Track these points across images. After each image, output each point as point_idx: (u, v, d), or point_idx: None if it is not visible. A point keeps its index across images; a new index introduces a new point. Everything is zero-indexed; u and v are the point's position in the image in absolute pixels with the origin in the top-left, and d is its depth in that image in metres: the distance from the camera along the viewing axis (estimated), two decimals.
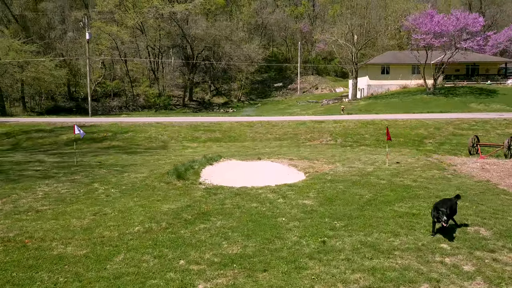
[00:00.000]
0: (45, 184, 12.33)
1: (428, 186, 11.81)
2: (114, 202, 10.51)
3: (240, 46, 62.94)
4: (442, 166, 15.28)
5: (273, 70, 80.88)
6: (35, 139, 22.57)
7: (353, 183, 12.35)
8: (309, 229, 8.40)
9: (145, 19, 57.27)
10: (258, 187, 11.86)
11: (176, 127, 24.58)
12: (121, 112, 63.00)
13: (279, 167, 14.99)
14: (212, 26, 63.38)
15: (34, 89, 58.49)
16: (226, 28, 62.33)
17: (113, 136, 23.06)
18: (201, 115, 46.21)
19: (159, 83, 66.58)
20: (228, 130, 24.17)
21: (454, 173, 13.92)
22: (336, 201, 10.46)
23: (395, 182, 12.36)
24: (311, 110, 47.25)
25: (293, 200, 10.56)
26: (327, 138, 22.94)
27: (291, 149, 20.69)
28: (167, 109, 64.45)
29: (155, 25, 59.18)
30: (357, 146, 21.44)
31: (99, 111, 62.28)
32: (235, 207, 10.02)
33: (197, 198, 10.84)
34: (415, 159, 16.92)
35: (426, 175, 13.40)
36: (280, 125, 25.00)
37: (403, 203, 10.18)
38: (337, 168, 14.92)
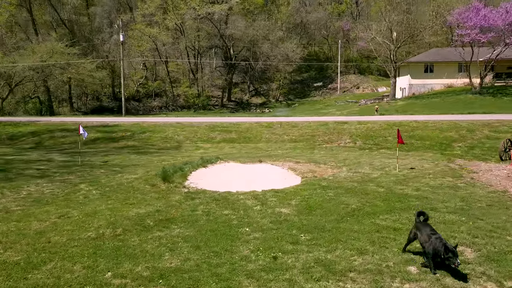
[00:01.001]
0: (35, 183, 12.45)
1: (429, 196, 10.59)
2: (87, 204, 10.32)
3: (277, 45, 62.22)
4: (460, 173, 13.82)
5: (313, 70, 79.37)
6: (58, 138, 23.33)
7: (347, 190, 11.38)
8: (267, 242, 7.65)
9: (184, 21, 58.12)
10: (242, 192, 11.23)
11: (194, 128, 24.42)
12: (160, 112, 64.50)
13: (277, 170, 14.24)
14: (250, 26, 63.17)
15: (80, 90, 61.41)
16: (264, 27, 61.83)
17: (131, 136, 23.31)
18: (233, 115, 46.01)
19: (198, 84, 67.39)
20: (245, 131, 23.63)
21: (469, 181, 12.48)
22: (316, 211, 9.60)
23: (394, 191, 11.23)
24: (346, 110, 45.65)
25: (270, 208, 9.82)
26: (346, 140, 21.72)
27: (304, 151, 19.78)
28: (206, 109, 65.12)
29: (194, 26, 59.91)
30: (377, 149, 20.06)
31: (140, 111, 64.14)
32: (205, 214, 9.46)
33: (172, 202, 10.40)
34: (434, 164, 15.47)
35: (435, 183, 12.09)
36: (300, 126, 24.07)
37: (389, 215, 9.12)
38: (341, 173, 13.93)
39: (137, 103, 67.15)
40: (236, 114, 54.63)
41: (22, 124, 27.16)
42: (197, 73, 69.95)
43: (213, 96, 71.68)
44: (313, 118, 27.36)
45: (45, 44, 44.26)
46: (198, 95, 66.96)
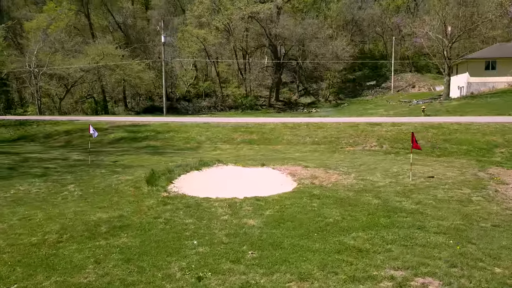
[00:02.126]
0: (29, 183, 12.64)
1: (426, 212, 9.15)
2: (59, 206, 10.17)
3: (326, 43, 60.38)
4: (485, 184, 11.98)
5: (366, 68, 76.14)
6: (86, 137, 24.01)
7: (337, 200, 10.22)
8: (206, 259, 6.88)
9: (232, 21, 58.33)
10: (221, 199, 10.50)
11: (219, 128, 24.01)
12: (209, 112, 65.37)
13: (275, 175, 13.31)
14: (299, 24, 61.95)
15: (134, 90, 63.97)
16: (313, 25, 60.29)
17: (154, 136, 23.44)
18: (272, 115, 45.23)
19: (245, 84, 67.42)
20: (267, 132, 22.76)
21: (489, 194, 10.73)
22: (286, 223, 8.63)
23: (390, 203, 9.89)
24: (394, 110, 43.07)
25: (238, 218, 9.00)
26: (372, 143, 20.05)
27: (323, 155, 18.53)
28: (253, 109, 64.93)
29: (242, 26, 59.96)
30: (404, 154, 18.24)
31: (190, 111, 65.43)
32: (165, 222, 8.87)
33: (142, 207, 9.93)
34: (460, 172, 13.63)
35: (444, 195, 10.53)
36: (327, 127, 22.72)
37: (365, 232, 7.93)
38: (345, 180, 12.68)
39: (187, 103, 68.58)
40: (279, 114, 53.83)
41: (61, 122, 28.53)
42: (245, 73, 70.00)
43: (261, 96, 71.32)
44: (345, 119, 25.79)
45: (95, 46, 46.47)
46: (246, 95, 66.99)
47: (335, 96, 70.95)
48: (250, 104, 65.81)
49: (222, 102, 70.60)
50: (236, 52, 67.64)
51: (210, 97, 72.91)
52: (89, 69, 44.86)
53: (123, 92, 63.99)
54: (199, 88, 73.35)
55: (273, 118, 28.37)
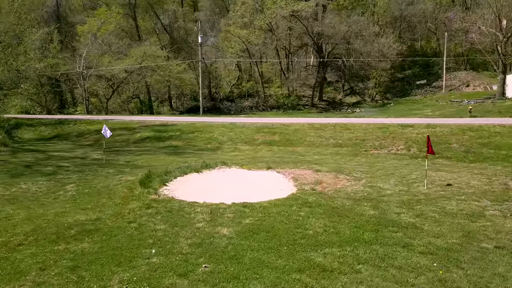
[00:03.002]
0: (34, 181, 12.91)
1: (422, 227, 8.08)
2: (47, 206, 10.19)
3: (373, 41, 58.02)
4: (511, 196, 10.50)
5: (417, 66, 72.30)
6: (114, 136, 24.50)
7: (329, 209, 9.37)
8: (153, 272, 6.42)
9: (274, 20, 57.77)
10: (207, 204, 10.01)
11: (242, 128, 23.54)
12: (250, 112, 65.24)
13: (277, 179, 12.60)
14: (342, 22, 60.12)
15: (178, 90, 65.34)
16: (358, 23, 58.18)
17: (178, 136, 23.41)
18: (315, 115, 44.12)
19: (288, 83, 66.60)
20: (291, 133, 21.92)
21: (511, 209, 9.31)
22: (260, 234, 7.96)
23: (386, 215, 8.88)
24: (441, 111, 40.39)
25: (212, 226, 8.45)
26: (399, 146, 18.57)
27: (343, 158, 17.45)
28: (295, 109, 63.90)
29: (284, 25, 59.22)
30: (432, 159, 16.69)
31: (232, 111, 65.70)
32: (137, 227, 8.53)
33: (124, 210, 9.67)
34: (487, 181, 12.16)
35: (454, 207, 9.32)
36: (354, 128, 21.46)
37: (340, 248, 7.08)
38: (352, 186, 11.73)
39: (230, 103, 68.91)
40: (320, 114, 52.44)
41: (95, 122, 29.50)
42: (287, 73, 69.16)
43: (304, 95, 70.06)
44: (377, 120, 24.31)
45: (138, 48, 47.87)
46: (288, 95, 66.14)
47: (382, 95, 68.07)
48: (292, 104, 64.79)
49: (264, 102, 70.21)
50: (279, 51, 66.96)
51: (253, 97, 72.81)
52: (132, 70, 46.25)
53: (168, 92, 65.50)
54: (242, 88, 73.48)
55: (303, 118, 27.44)
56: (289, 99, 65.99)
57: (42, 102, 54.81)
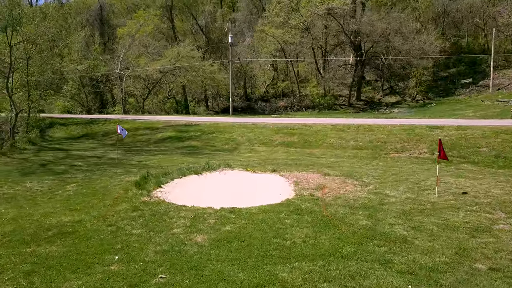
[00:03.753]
0: (39, 180, 13.17)
1: (414, 241, 7.29)
2: (38, 206, 10.29)
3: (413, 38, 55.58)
4: None
5: (463, 64, 68.51)
6: (137, 136, 24.89)
7: (317, 218, 8.77)
8: (107, 280, 6.15)
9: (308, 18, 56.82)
10: (195, 208, 9.69)
11: (262, 129, 23.03)
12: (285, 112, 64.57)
13: (278, 183, 12.04)
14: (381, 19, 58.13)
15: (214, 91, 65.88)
16: (397, 20, 55.94)
17: (198, 136, 23.26)
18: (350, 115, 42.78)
19: (324, 83, 65.31)
20: (311, 134, 21.13)
21: None
22: (234, 243, 7.51)
23: (378, 226, 8.14)
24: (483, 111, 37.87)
25: (189, 233, 8.11)
26: (422, 150, 17.30)
27: (360, 161, 16.52)
28: (331, 109, 62.50)
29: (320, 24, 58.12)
30: (457, 163, 15.40)
31: (266, 111, 65.26)
32: (113, 230, 8.35)
33: (109, 212, 9.53)
34: (511, 190, 10.95)
35: (460, 219, 8.42)
36: (378, 130, 20.31)
37: (311, 263, 6.50)
38: (355, 192, 10.99)
39: (264, 103, 68.56)
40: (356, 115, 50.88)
41: (123, 121, 30.10)
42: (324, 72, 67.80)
43: (341, 95, 68.37)
44: (401, 121, 22.95)
45: (172, 49, 48.60)
46: (324, 94, 64.82)
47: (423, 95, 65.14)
48: (328, 104, 63.38)
49: (299, 102, 69.29)
50: (314, 50, 65.78)
51: (288, 97, 72.06)
52: (167, 70, 47.04)
53: (204, 92, 66.14)
54: (277, 88, 72.89)
55: (330, 119, 26.44)
56: (325, 99, 64.61)
57: (83, 102, 57.09)
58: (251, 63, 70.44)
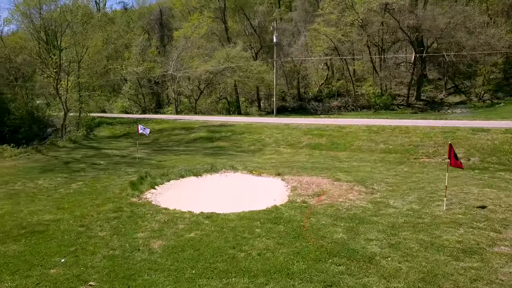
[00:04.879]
0: (51, 177, 13.71)
1: (382, 261, 6.43)
2: (33, 203, 10.61)
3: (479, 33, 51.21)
4: None
5: None
6: (171, 136, 25.25)
7: (290, 228, 8.07)
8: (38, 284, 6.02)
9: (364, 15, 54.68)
10: (176, 211, 9.46)
11: (292, 130, 22.24)
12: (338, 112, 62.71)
13: (276, 188, 11.44)
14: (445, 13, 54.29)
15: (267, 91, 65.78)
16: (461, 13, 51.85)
17: (228, 137, 22.98)
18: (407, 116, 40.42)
19: (380, 82, 62.48)
20: (341, 136, 19.93)
21: None
22: (187, 252, 7.14)
23: (351, 241, 7.28)
24: None
25: (150, 238, 7.86)
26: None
27: (384, 166, 15.20)
28: (388, 109, 59.60)
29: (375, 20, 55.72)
30: (494, 171, 13.56)
31: (318, 111, 63.88)
32: (81, 232, 8.32)
33: (91, 213, 9.55)
34: None
35: (454, 238, 7.34)
36: (414, 132, 18.59)
37: (251, 279, 5.97)
38: (355, 201, 10.10)
39: (317, 103, 67.16)
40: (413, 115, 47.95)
41: (164, 121, 30.85)
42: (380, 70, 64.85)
43: (399, 95, 64.93)
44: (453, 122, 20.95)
45: (222, 50, 49.14)
46: (380, 94, 61.98)
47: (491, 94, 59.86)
48: (385, 103, 60.46)
49: (354, 102, 66.92)
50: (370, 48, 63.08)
51: (343, 97, 69.90)
52: (216, 71, 47.70)
53: (257, 93, 66.27)
54: (332, 87, 71.08)
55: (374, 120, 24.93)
56: (381, 98, 61.70)
57: (141, 102, 59.79)
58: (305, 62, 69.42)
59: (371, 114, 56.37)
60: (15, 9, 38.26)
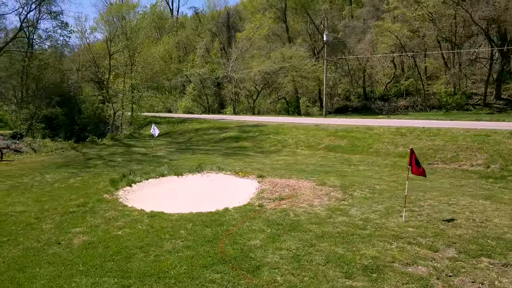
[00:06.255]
0: (61, 172, 14.85)
1: (278, 279, 5.95)
2: (20, 195, 11.55)
3: None
4: None
5: None
6: (204, 135, 25.71)
7: (210, 233, 7.88)
8: None
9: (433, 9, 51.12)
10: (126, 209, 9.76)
11: (319, 131, 21.34)
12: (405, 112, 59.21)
13: (246, 190, 11.18)
14: None
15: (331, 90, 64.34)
16: None
17: (254, 137, 22.69)
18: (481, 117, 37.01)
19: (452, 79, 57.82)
20: (363, 138, 18.63)
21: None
22: (99, 248, 7.34)
23: (245, 250, 6.88)
24: None
25: (79, 233, 8.20)
26: (477, 161, 13.54)
27: (391, 171, 13.96)
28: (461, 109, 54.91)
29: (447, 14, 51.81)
30: (510, 181, 11.76)
31: (384, 111, 60.94)
32: (31, 223, 8.91)
33: (59, 206, 10.18)
34: None
35: (369, 252, 6.61)
36: (444, 134, 16.73)
37: (123, 279, 5.87)
38: (316, 206, 9.61)
39: (383, 103, 64.05)
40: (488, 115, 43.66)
41: (205, 121, 31.60)
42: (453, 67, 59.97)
43: (476, 93, 59.38)
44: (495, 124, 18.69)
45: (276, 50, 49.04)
46: (453, 93, 57.28)
47: None
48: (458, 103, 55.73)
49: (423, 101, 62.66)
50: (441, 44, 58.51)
51: (412, 96, 65.80)
52: (273, 71, 47.84)
53: (319, 92, 65.14)
54: (400, 86, 67.34)
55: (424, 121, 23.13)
56: (454, 97, 57.02)
57: (203, 103, 62.02)
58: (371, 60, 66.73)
59: (440, 114, 52.58)
60: (99, 18, 42.40)
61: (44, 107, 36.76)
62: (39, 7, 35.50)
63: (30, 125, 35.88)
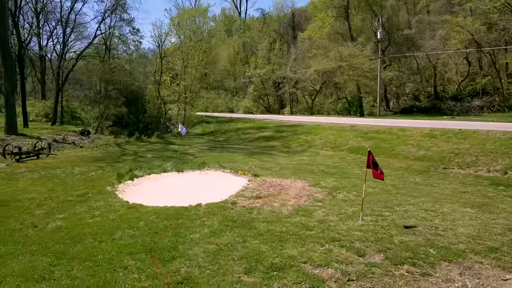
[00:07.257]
0: (89, 166, 16.36)
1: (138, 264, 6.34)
2: (43, 184, 13.05)
3: None
4: None
5: None
6: (242, 135, 26.22)
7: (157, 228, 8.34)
8: None
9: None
10: (116, 201, 10.63)
11: (349, 132, 20.74)
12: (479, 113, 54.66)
13: (232, 188, 11.51)
14: None
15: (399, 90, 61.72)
16: None
17: (285, 137, 22.57)
18: None
19: None
20: (390, 140, 17.67)
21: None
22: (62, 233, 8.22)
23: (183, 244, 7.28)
24: None
25: (59, 220, 9.17)
26: (496, 166, 12.16)
27: (404, 174, 13.30)
28: None
29: None
30: None
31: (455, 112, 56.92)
32: (25, 207, 10.12)
33: (63, 195, 11.39)
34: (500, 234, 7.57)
35: (302, 254, 6.68)
36: (474, 137, 15.33)
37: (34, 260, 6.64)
38: (280, 208, 9.71)
39: (454, 103, 59.73)
40: None
41: (251, 120, 32.17)
42: None
43: None
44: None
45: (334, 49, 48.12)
46: None
47: None
48: None
49: (501, 101, 57.33)
50: None
51: (489, 96, 60.46)
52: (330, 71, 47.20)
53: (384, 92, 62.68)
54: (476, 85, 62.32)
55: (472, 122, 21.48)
56: None
57: (264, 103, 62.88)
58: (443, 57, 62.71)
59: None
60: (171, 23, 45.36)
61: (112, 106, 40.15)
62: (113, 15, 39.05)
63: (99, 123, 39.49)
